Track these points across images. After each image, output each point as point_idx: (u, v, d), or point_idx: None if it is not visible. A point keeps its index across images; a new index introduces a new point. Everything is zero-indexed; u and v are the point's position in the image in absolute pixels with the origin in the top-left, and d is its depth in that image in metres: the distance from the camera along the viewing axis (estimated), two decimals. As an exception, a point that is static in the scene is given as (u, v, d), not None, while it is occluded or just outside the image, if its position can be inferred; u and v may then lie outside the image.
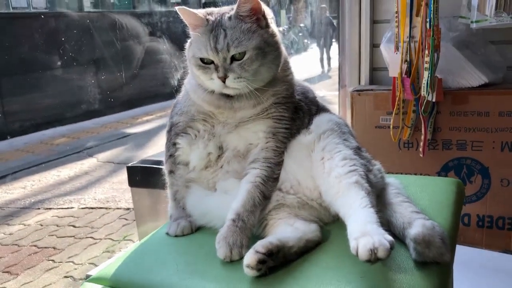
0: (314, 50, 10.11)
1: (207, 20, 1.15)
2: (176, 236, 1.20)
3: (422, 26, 2.11)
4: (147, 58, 6.85)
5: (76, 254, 3.21)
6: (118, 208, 3.95)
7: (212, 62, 1.14)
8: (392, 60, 2.31)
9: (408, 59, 2.22)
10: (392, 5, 2.50)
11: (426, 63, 2.08)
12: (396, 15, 2.25)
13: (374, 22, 2.62)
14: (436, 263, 0.96)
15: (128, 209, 3.91)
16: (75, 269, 3.03)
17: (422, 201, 1.25)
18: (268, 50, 1.14)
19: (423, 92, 2.11)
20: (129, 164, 2.25)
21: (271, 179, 1.15)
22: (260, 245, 0.96)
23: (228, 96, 1.18)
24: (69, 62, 6.09)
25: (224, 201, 1.16)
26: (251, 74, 1.12)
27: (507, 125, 2.21)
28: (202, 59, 1.15)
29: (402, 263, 0.96)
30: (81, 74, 6.62)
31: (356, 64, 2.70)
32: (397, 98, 2.28)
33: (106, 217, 3.78)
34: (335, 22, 8.19)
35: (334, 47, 9.60)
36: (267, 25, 1.16)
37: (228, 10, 1.16)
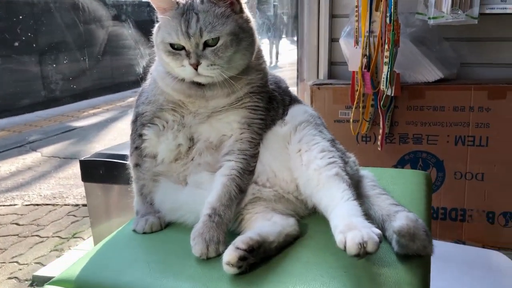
0: (265, 45, 10.14)
1: (177, 3, 1.08)
2: (144, 233, 1.13)
3: (381, 20, 2.13)
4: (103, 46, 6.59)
5: (21, 253, 3.03)
6: (66, 205, 3.77)
7: (183, 48, 1.08)
8: (352, 55, 2.32)
9: (367, 54, 2.23)
10: (351, 0, 2.52)
11: (386, 57, 2.10)
12: (356, 9, 2.26)
13: (333, 16, 2.62)
14: (417, 256, 0.95)
15: (76, 205, 3.74)
16: (20, 269, 2.86)
17: (394, 193, 1.24)
18: (243, 36, 1.09)
19: (382, 87, 2.13)
20: (82, 158, 2.13)
21: (247, 172, 1.11)
22: (241, 241, 0.92)
23: (199, 85, 1.12)
24: (9, 51, 5.76)
25: (196, 195, 1.11)
26: (225, 61, 1.07)
27: (461, 120, 2.28)
28: (172, 45, 1.08)
29: (384, 257, 0.95)
30: (23, 64, 6.29)
31: (314, 58, 2.69)
32: (356, 92, 2.30)
33: (53, 214, 3.60)
34: (285, 18, 8.25)
35: (283, 41, 9.71)
36: (241, 10, 1.11)
37: None
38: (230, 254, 0.91)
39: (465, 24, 2.13)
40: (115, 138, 5.75)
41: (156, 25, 1.14)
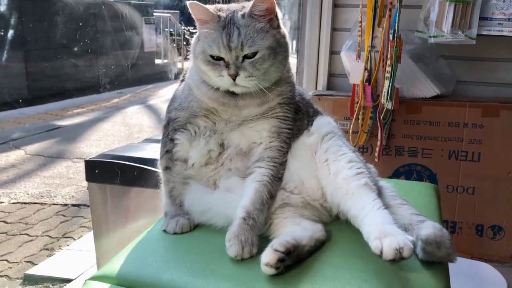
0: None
1: (219, 16, 1.13)
2: (174, 233, 1.17)
3: (384, 36, 2.21)
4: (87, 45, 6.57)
5: (10, 251, 3.01)
6: (54, 204, 3.74)
7: (222, 58, 1.13)
8: (354, 68, 2.39)
9: (368, 68, 2.31)
10: (352, 15, 2.60)
11: (387, 72, 2.18)
12: (360, 24, 2.34)
13: (334, 29, 2.69)
14: (438, 263, 1.02)
15: (65, 205, 3.72)
16: (10, 267, 2.84)
17: (408, 204, 1.30)
18: (279, 50, 1.14)
19: (383, 100, 2.21)
20: (88, 158, 2.14)
21: (276, 178, 1.16)
22: (279, 244, 0.97)
23: (233, 94, 1.17)
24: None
25: (227, 199, 1.16)
26: (262, 73, 1.12)
27: (455, 135, 2.37)
28: (212, 56, 1.13)
29: (409, 263, 1.00)
30: (6, 60, 6.23)
31: (314, 69, 2.77)
32: (356, 105, 2.37)
33: (42, 213, 3.58)
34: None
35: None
36: (279, 26, 1.16)
37: (239, 8, 1.15)
38: (269, 256, 0.96)
39: (462, 43, 2.23)
40: (101, 138, 5.74)
41: (195, 35, 1.18)
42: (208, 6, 1.13)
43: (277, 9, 1.15)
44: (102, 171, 2.11)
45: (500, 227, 2.41)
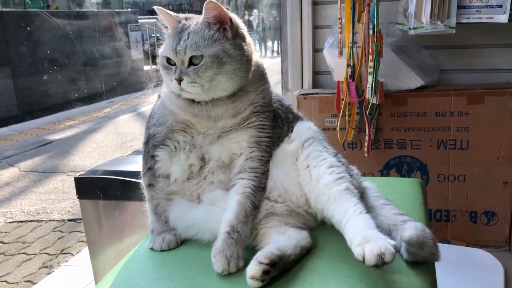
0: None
1: (179, 22, 1.17)
2: (161, 250, 1.17)
3: (364, 32, 2.21)
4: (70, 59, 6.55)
5: (8, 272, 3.00)
6: (51, 220, 3.74)
7: (175, 64, 1.15)
8: (337, 65, 2.39)
9: (351, 64, 2.31)
10: (332, 11, 2.60)
11: (370, 67, 2.18)
12: (339, 21, 2.34)
13: (315, 27, 2.69)
14: (424, 262, 1.02)
15: (62, 220, 3.72)
16: (10, 289, 2.84)
17: (394, 202, 1.31)
18: (227, 60, 1.13)
19: (367, 96, 2.22)
20: (78, 175, 2.14)
21: (259, 189, 1.16)
22: (263, 256, 0.97)
23: (198, 103, 1.18)
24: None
25: (211, 212, 1.16)
26: (206, 81, 1.12)
27: (443, 125, 2.38)
28: (168, 60, 1.16)
29: (394, 264, 1.00)
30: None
31: (298, 69, 2.77)
32: (342, 101, 2.38)
33: (39, 230, 3.57)
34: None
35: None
36: (235, 37, 1.16)
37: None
38: (254, 269, 0.96)
39: (443, 33, 2.23)
40: (94, 149, 5.72)
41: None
42: (174, 13, 1.18)
43: (234, 19, 1.16)
44: (92, 187, 2.11)
45: (494, 213, 2.42)
